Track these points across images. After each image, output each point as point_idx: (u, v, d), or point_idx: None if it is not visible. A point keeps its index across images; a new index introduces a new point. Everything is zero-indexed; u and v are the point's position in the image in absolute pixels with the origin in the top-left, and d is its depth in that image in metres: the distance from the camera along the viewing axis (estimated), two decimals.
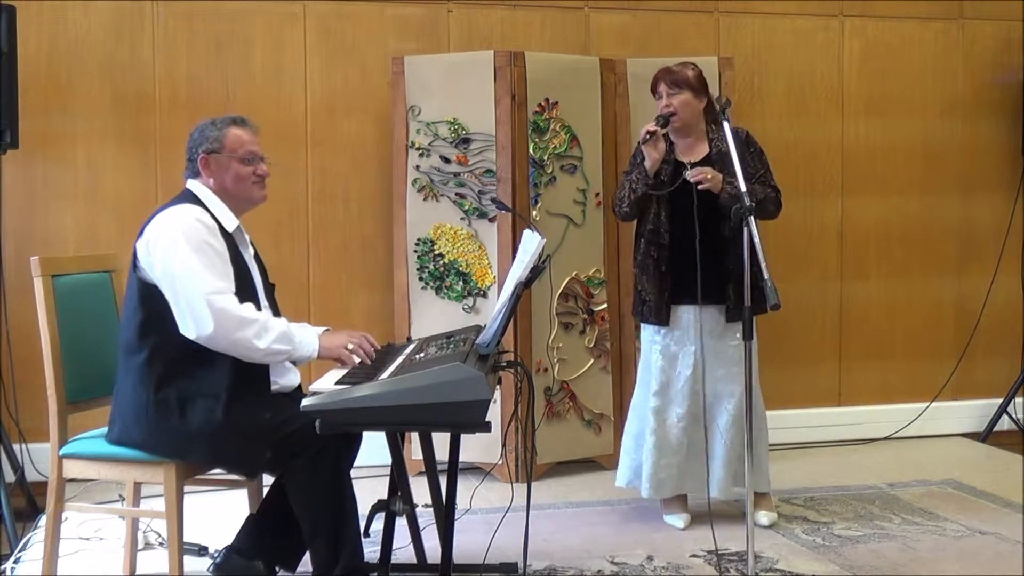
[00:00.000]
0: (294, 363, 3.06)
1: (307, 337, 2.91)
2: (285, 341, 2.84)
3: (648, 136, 3.58)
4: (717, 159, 3.69)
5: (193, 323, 2.76)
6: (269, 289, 3.14)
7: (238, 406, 2.79)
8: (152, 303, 2.83)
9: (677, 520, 3.82)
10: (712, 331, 3.71)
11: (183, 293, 2.77)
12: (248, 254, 3.06)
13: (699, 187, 3.55)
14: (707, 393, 3.72)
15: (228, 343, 2.77)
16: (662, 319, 3.73)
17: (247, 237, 3.09)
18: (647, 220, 3.76)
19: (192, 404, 2.79)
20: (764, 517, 3.80)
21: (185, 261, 2.77)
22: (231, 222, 2.98)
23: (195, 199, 2.95)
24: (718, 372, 3.74)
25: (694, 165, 3.67)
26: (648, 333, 3.83)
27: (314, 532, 2.82)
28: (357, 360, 2.92)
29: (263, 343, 2.79)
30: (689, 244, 3.61)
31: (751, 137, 3.81)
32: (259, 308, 2.93)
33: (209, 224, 2.87)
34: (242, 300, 2.84)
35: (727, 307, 3.69)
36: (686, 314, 3.72)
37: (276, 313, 3.11)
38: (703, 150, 3.75)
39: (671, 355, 3.76)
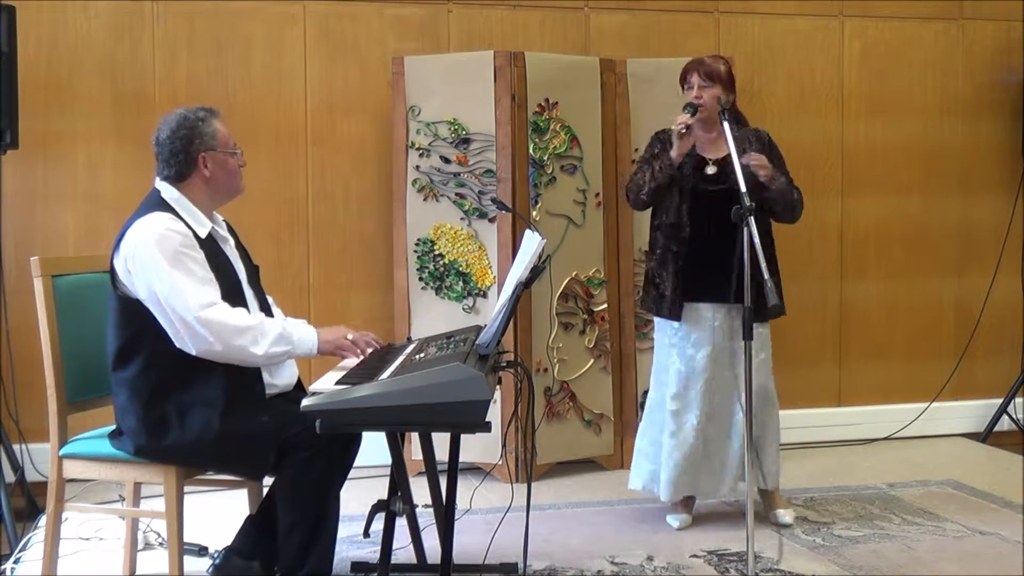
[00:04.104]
0: None
1: (305, 334, 2.88)
2: (283, 342, 2.81)
3: (686, 129, 3.56)
4: (729, 161, 3.67)
5: (189, 340, 2.74)
6: (254, 273, 3.11)
7: (235, 412, 2.78)
8: (136, 319, 2.80)
9: (675, 520, 3.82)
10: (729, 330, 3.68)
11: (174, 313, 2.73)
12: (229, 247, 3.02)
13: (760, 175, 3.54)
14: (723, 392, 3.71)
15: (226, 353, 2.75)
16: (676, 314, 3.68)
17: (224, 231, 3.04)
18: (667, 213, 3.71)
19: (189, 415, 2.78)
20: (786, 516, 3.81)
21: (167, 278, 2.73)
22: (203, 228, 2.90)
23: (166, 206, 2.87)
24: (736, 370, 3.71)
25: (716, 162, 3.67)
26: (665, 334, 3.78)
27: (290, 529, 2.80)
28: (358, 351, 2.90)
29: (261, 348, 2.76)
30: (709, 240, 3.58)
31: (772, 139, 3.80)
32: (244, 303, 2.90)
33: (183, 231, 2.81)
34: (226, 299, 2.80)
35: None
36: (705, 312, 3.68)
37: (262, 297, 3.09)
38: (726, 147, 3.71)
39: (688, 357, 3.71)
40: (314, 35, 4.64)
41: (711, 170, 3.68)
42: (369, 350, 2.99)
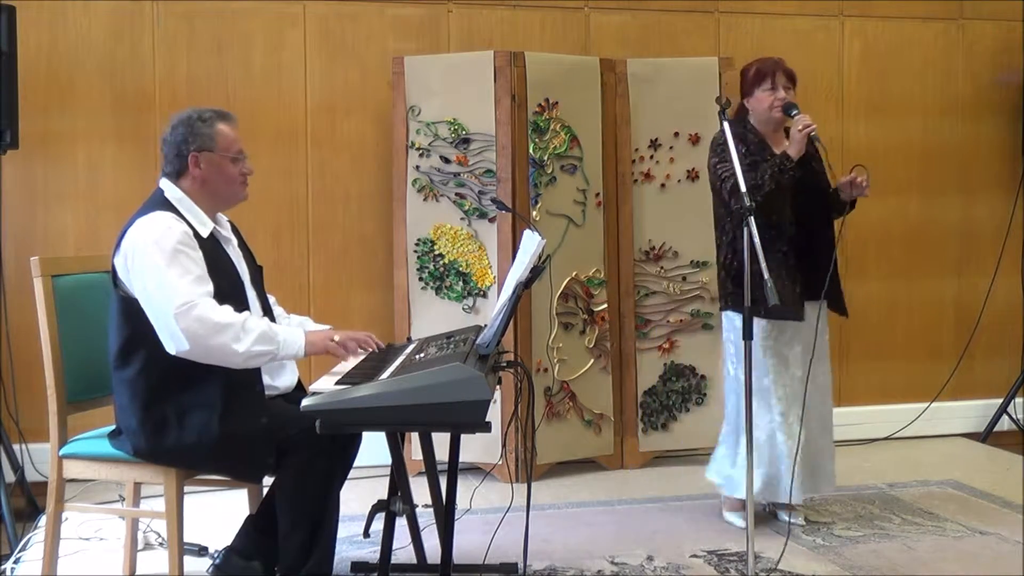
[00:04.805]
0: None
1: (292, 335, 2.80)
2: (266, 341, 2.74)
3: (814, 129, 3.55)
4: (809, 158, 3.71)
5: (170, 340, 2.71)
6: (257, 273, 3.10)
7: (234, 414, 2.76)
8: (135, 319, 2.78)
9: (737, 518, 3.77)
10: (814, 328, 3.67)
11: (158, 312, 2.71)
12: (231, 247, 3.01)
13: (865, 193, 3.63)
14: (817, 389, 3.69)
15: (205, 352, 2.70)
16: (799, 313, 3.62)
17: (227, 231, 3.02)
18: (771, 212, 3.61)
19: (188, 417, 2.76)
20: (799, 516, 3.83)
21: (157, 277, 2.71)
22: (205, 227, 2.88)
23: (168, 205, 2.86)
24: (824, 366, 3.75)
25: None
26: (761, 336, 3.62)
27: (292, 529, 2.79)
28: (345, 353, 2.86)
29: (242, 346, 2.70)
30: (807, 238, 3.61)
31: None
32: (246, 303, 2.89)
33: (183, 229, 2.80)
34: (227, 299, 2.78)
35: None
36: (805, 310, 3.65)
37: (264, 298, 3.08)
38: (793, 149, 3.66)
39: (783, 357, 3.68)
40: (314, 35, 4.64)
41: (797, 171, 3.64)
42: (359, 350, 2.94)
